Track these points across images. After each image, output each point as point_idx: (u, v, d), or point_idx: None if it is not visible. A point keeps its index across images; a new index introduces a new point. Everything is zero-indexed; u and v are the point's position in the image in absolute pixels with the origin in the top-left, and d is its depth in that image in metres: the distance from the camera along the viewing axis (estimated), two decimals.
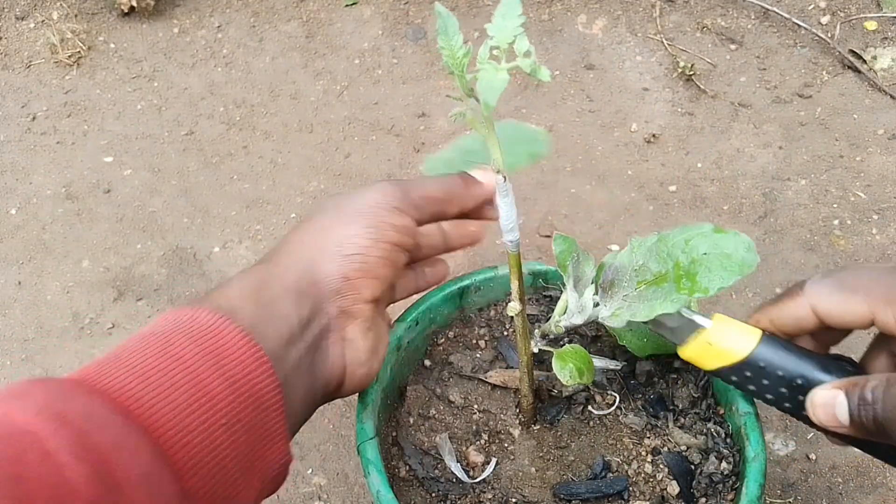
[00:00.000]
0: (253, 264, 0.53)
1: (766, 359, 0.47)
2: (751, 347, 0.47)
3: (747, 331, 0.49)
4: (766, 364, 0.47)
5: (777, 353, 0.47)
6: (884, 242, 1.03)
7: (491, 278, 0.66)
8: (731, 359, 0.48)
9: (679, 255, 0.49)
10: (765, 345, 0.48)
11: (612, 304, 0.50)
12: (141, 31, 1.34)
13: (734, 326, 0.49)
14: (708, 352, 0.49)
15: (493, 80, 0.37)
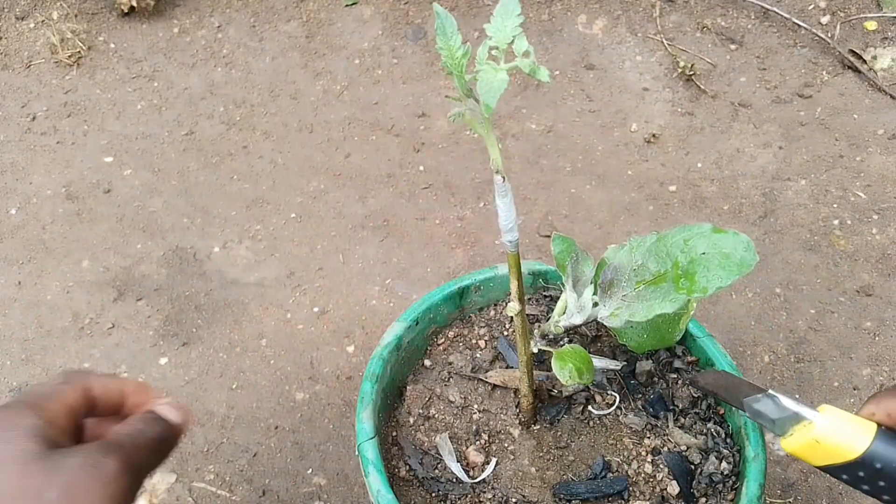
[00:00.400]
0: None
1: (882, 458, 0.42)
2: (864, 446, 0.42)
3: (860, 425, 0.43)
4: (882, 465, 0.42)
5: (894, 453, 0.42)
6: (884, 242, 1.02)
7: (491, 278, 0.66)
8: (842, 458, 0.43)
9: (678, 254, 0.49)
10: (880, 442, 0.42)
11: (611, 304, 0.50)
12: (141, 31, 1.34)
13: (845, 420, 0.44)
14: (815, 449, 0.44)
15: (493, 81, 0.37)
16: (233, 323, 0.98)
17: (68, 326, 0.98)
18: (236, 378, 0.93)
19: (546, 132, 1.18)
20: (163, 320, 0.98)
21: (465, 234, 1.06)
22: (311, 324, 0.98)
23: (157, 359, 0.95)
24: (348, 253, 1.05)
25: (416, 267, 1.03)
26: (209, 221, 1.09)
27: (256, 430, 0.89)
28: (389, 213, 1.09)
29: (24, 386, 0.93)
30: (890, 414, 0.42)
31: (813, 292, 0.98)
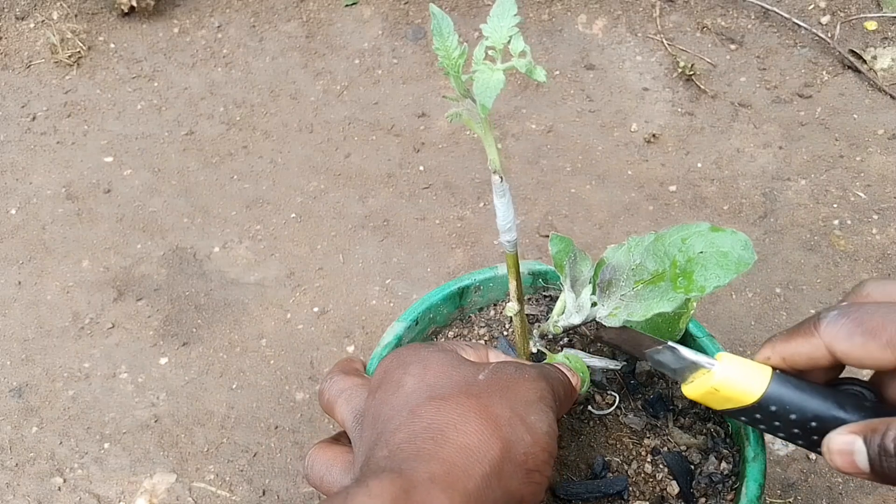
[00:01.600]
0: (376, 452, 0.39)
1: (777, 401, 0.44)
2: (760, 391, 0.44)
3: (755, 371, 0.45)
4: (777, 407, 0.44)
5: (789, 394, 0.44)
6: (884, 242, 1.02)
7: (491, 278, 0.66)
8: (739, 402, 0.45)
9: (676, 253, 0.49)
10: (775, 386, 0.44)
11: (609, 304, 0.50)
12: (141, 31, 1.34)
13: (741, 367, 0.46)
14: (714, 395, 0.46)
15: (489, 81, 0.37)
16: (233, 323, 0.98)
17: (68, 326, 0.98)
18: (236, 378, 0.93)
19: (546, 132, 1.18)
20: (163, 320, 0.99)
21: (465, 234, 1.06)
22: (311, 324, 0.98)
23: (157, 359, 0.95)
24: (348, 253, 1.05)
25: (416, 267, 1.03)
26: (209, 221, 1.09)
27: (256, 430, 0.89)
28: (389, 213, 1.09)
29: (25, 386, 0.93)
30: (784, 358, 0.44)
31: (813, 292, 0.98)
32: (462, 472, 0.36)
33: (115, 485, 0.85)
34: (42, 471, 0.86)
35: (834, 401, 0.44)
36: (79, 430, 0.89)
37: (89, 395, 0.92)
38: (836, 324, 0.42)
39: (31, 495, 0.85)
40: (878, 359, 0.40)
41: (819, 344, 0.42)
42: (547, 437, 0.41)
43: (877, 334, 0.40)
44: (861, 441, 0.40)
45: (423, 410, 0.40)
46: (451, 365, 0.43)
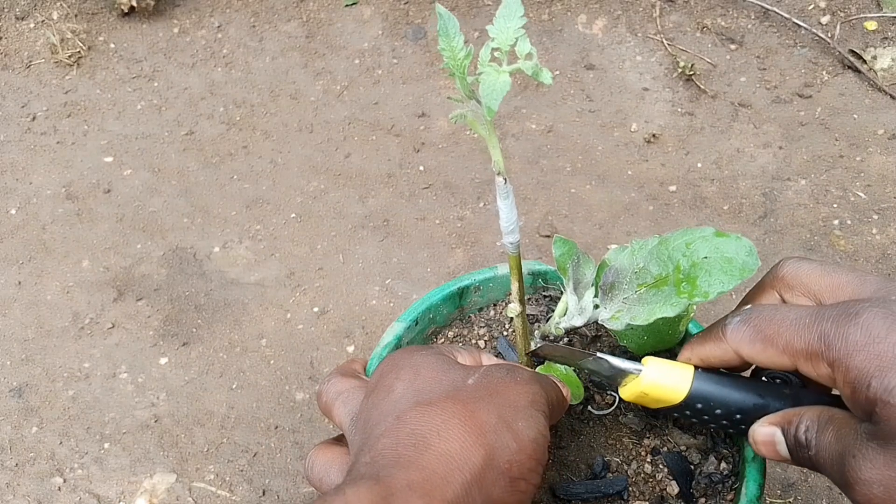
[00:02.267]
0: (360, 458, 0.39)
1: (702, 398, 0.47)
2: (685, 390, 0.47)
3: (679, 371, 0.48)
4: (703, 404, 0.47)
5: (711, 391, 0.47)
6: (884, 242, 1.03)
7: (491, 278, 0.66)
8: (668, 402, 0.48)
9: (680, 258, 0.49)
10: (698, 383, 0.47)
11: (611, 307, 0.50)
12: (141, 31, 1.34)
13: (665, 369, 0.48)
14: (645, 398, 0.49)
15: (496, 84, 0.37)
16: (233, 323, 0.98)
17: (68, 326, 0.98)
18: (236, 378, 0.93)
19: (546, 132, 1.18)
20: (163, 320, 0.99)
21: (465, 234, 1.06)
22: (311, 324, 0.98)
23: (157, 359, 0.95)
24: (348, 253, 1.05)
25: (416, 267, 1.03)
26: (209, 221, 1.09)
27: (256, 430, 0.89)
28: (389, 213, 1.09)
29: (25, 386, 0.93)
30: (702, 358, 0.47)
31: None
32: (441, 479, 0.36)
33: (115, 485, 0.85)
34: (42, 471, 0.86)
35: (755, 392, 0.46)
36: (79, 430, 0.89)
37: (89, 395, 0.92)
38: (739, 330, 0.44)
39: (31, 495, 0.85)
40: (777, 362, 0.43)
41: (727, 348, 0.45)
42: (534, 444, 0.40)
43: (773, 341, 0.42)
44: (780, 432, 0.43)
45: (408, 416, 0.39)
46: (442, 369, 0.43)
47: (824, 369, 0.40)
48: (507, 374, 0.43)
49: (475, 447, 0.37)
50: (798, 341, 0.41)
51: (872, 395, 0.37)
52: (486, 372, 0.43)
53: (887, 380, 0.37)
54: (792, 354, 0.41)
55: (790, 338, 0.41)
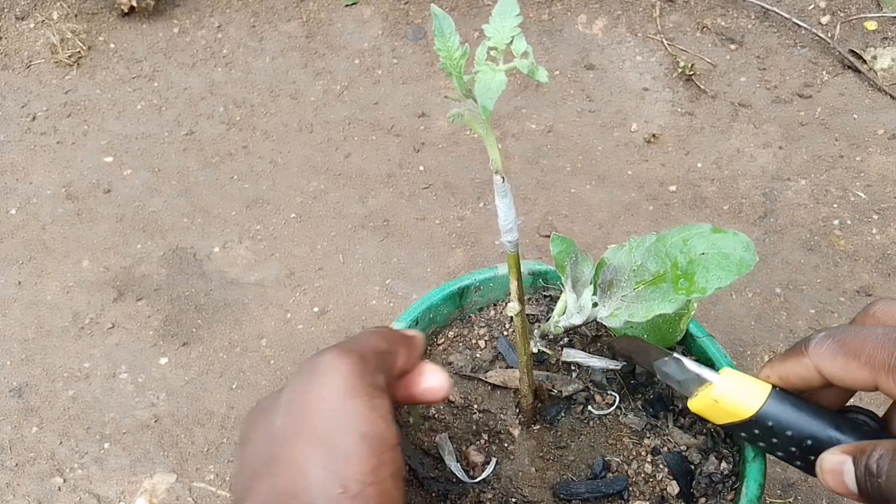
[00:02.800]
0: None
1: (774, 417, 0.45)
2: (758, 405, 0.46)
3: (756, 386, 0.47)
4: (774, 423, 0.45)
5: (786, 412, 0.45)
6: (884, 242, 1.03)
7: (491, 278, 0.66)
8: (739, 416, 0.46)
9: (677, 254, 0.49)
10: (773, 402, 0.46)
11: (610, 305, 0.50)
12: (141, 31, 1.34)
13: (742, 382, 0.47)
14: (715, 408, 0.47)
15: (491, 83, 0.37)
16: (233, 323, 0.98)
17: (68, 326, 0.98)
18: (236, 378, 0.93)
19: (546, 132, 1.18)
20: (163, 320, 0.99)
21: (465, 234, 1.06)
22: (311, 324, 0.98)
23: (157, 359, 0.95)
24: (348, 253, 1.05)
25: (416, 267, 1.03)
26: (209, 221, 1.09)
27: None
28: (389, 213, 1.09)
29: (25, 386, 0.93)
30: (781, 376, 0.46)
31: (813, 292, 0.98)
32: None
33: (115, 485, 0.85)
34: (42, 471, 0.86)
35: (831, 422, 0.45)
36: (79, 430, 0.89)
37: (89, 395, 0.92)
38: (822, 345, 0.43)
39: (31, 495, 0.85)
40: (857, 378, 0.42)
41: (809, 364, 0.44)
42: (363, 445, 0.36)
43: (857, 354, 0.42)
44: (850, 461, 0.41)
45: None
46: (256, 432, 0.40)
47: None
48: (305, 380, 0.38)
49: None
50: (882, 353, 0.41)
51: None
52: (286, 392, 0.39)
53: None
54: (874, 367, 0.41)
55: (874, 351, 0.41)
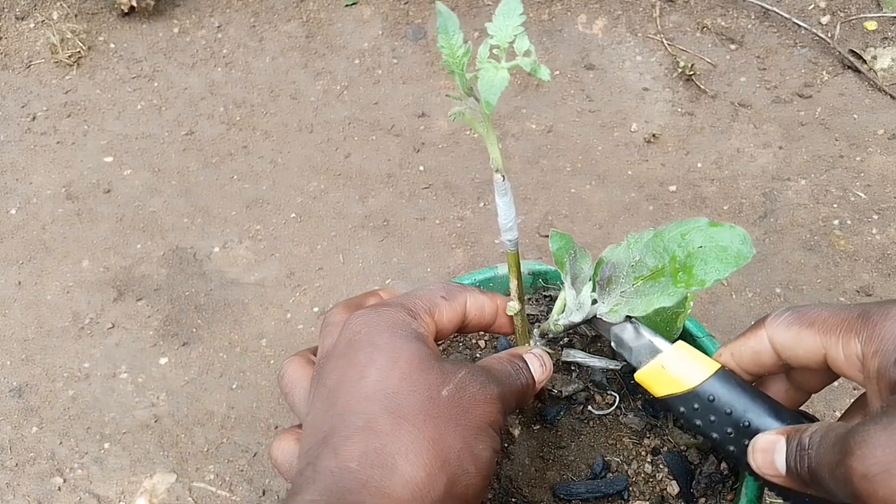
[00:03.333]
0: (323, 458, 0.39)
1: (716, 393, 0.45)
2: (704, 377, 0.46)
3: (705, 362, 0.47)
4: (715, 398, 0.45)
5: (729, 390, 0.45)
6: (884, 242, 1.03)
7: (491, 278, 0.66)
8: (681, 387, 0.46)
9: (675, 249, 0.49)
10: (719, 377, 0.46)
11: (609, 301, 0.50)
12: (141, 31, 1.34)
13: (693, 356, 0.47)
14: (660, 376, 0.47)
15: (494, 80, 0.37)
16: (233, 323, 0.98)
17: (68, 326, 0.98)
18: (236, 378, 0.93)
19: (546, 132, 1.18)
20: (163, 320, 0.99)
21: (465, 234, 1.06)
22: (311, 324, 0.98)
23: (157, 359, 0.95)
24: (348, 253, 1.05)
25: (416, 267, 1.03)
26: (209, 221, 1.09)
27: (256, 430, 0.89)
28: (389, 213, 1.09)
29: (25, 386, 0.93)
30: (733, 354, 0.47)
31: (813, 292, 0.98)
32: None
33: (115, 485, 0.85)
34: (42, 471, 0.86)
35: (773, 410, 0.45)
36: (79, 430, 0.89)
37: (89, 395, 0.92)
38: (780, 317, 0.44)
39: (31, 495, 0.85)
40: (808, 347, 0.42)
41: (763, 337, 0.45)
42: (489, 464, 0.41)
43: (811, 323, 0.42)
44: (784, 441, 0.41)
45: (380, 426, 0.39)
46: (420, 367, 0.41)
47: (854, 346, 0.40)
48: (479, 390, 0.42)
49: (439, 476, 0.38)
50: (835, 319, 0.41)
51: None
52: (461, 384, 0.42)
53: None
54: (825, 333, 0.41)
55: (829, 318, 0.41)
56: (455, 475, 0.39)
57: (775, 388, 0.48)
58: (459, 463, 0.40)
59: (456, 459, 0.39)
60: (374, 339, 0.42)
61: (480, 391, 0.42)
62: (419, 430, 0.39)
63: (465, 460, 0.40)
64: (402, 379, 0.41)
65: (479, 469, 0.40)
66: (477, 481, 0.40)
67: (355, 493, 0.36)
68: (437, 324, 0.46)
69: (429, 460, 0.38)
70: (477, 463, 0.40)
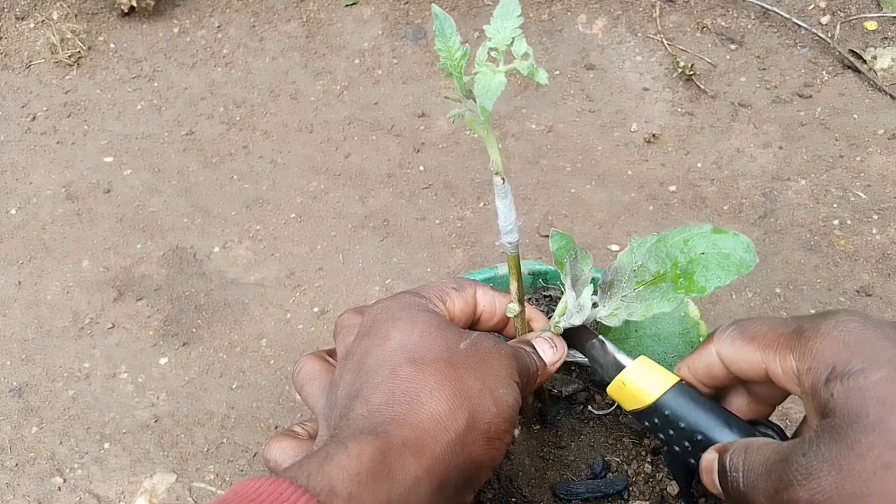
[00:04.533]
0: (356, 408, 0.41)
1: (671, 407, 0.46)
2: (659, 393, 0.46)
3: (664, 377, 0.47)
4: (670, 413, 0.46)
5: (683, 404, 0.46)
6: (884, 242, 1.03)
7: (491, 278, 0.66)
8: (642, 402, 0.47)
9: (678, 254, 0.49)
10: (674, 393, 0.46)
11: (610, 304, 0.50)
12: (141, 31, 1.34)
13: (652, 371, 0.48)
14: (623, 392, 0.48)
15: (490, 83, 0.37)
16: (233, 323, 0.98)
17: (68, 326, 0.98)
18: (236, 378, 0.93)
19: (546, 132, 1.18)
20: (163, 320, 0.99)
21: (465, 234, 1.06)
22: (311, 324, 0.98)
23: (157, 359, 0.95)
24: (348, 253, 1.05)
25: (416, 267, 1.03)
26: (209, 221, 1.09)
27: (256, 430, 0.89)
28: (389, 213, 1.09)
29: (25, 386, 0.93)
30: (690, 367, 0.47)
31: (813, 292, 0.98)
32: (431, 437, 0.39)
33: (115, 485, 0.85)
34: (42, 471, 0.86)
35: (724, 421, 0.45)
36: (79, 430, 0.89)
37: (89, 395, 0.92)
38: (725, 331, 0.45)
39: (31, 495, 0.85)
40: (750, 361, 0.43)
41: (712, 351, 0.45)
42: (511, 409, 0.43)
43: (752, 338, 0.43)
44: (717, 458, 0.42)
45: (403, 371, 0.42)
46: (437, 328, 0.45)
47: (790, 362, 0.40)
48: (493, 346, 0.45)
49: (461, 410, 0.41)
50: (773, 334, 0.42)
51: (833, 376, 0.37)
52: (477, 340, 0.45)
53: (851, 364, 0.36)
54: (764, 348, 0.42)
55: (767, 333, 0.42)
56: (476, 411, 0.41)
57: (738, 402, 0.48)
58: (480, 400, 0.42)
59: (477, 397, 0.42)
60: (395, 314, 0.45)
61: (495, 346, 0.45)
62: (441, 372, 0.42)
63: (485, 399, 0.42)
64: (422, 335, 0.44)
65: (500, 410, 0.42)
66: (499, 421, 0.42)
67: (385, 426, 0.39)
68: (449, 312, 0.49)
69: (450, 396, 0.41)
70: (498, 404, 0.42)
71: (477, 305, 0.51)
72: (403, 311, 0.46)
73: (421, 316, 0.45)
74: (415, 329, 0.44)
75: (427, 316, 0.45)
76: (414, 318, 0.45)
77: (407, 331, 0.44)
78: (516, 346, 0.48)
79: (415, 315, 0.45)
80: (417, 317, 0.45)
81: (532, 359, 0.49)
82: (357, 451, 0.37)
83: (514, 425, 0.44)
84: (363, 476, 0.36)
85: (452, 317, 0.49)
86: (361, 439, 0.37)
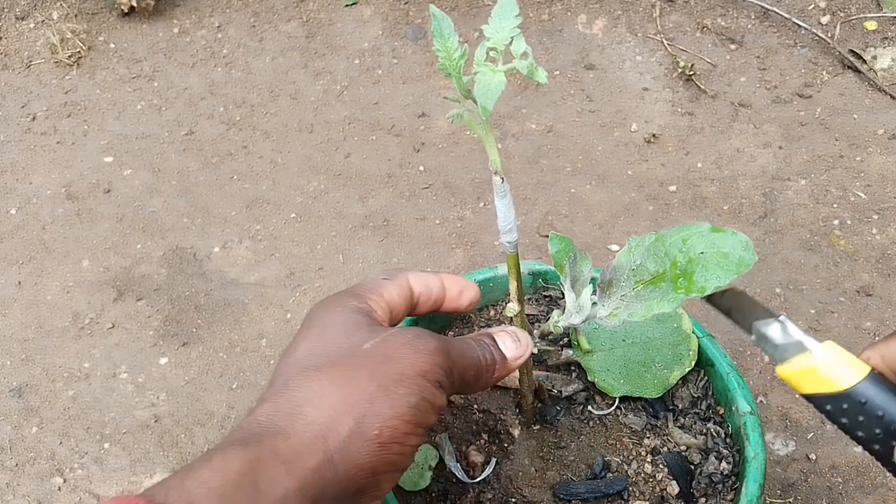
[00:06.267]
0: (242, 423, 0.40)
1: (869, 395, 0.45)
2: (856, 380, 0.45)
3: (856, 364, 0.46)
4: (867, 400, 0.45)
5: (882, 393, 0.45)
6: (884, 242, 1.03)
7: (490, 278, 0.66)
8: (833, 388, 0.46)
9: (677, 254, 0.49)
10: (871, 381, 0.45)
11: (609, 304, 0.50)
12: (141, 31, 1.34)
13: (844, 356, 0.47)
14: (809, 376, 0.47)
15: (490, 83, 0.37)
16: (233, 323, 0.98)
17: (68, 326, 0.98)
18: (236, 378, 0.93)
19: (546, 132, 1.18)
20: (163, 320, 0.99)
21: (465, 234, 1.06)
22: None
23: (157, 359, 0.95)
24: (348, 253, 1.05)
25: (417, 267, 1.03)
26: (209, 221, 1.09)
27: None
28: (389, 213, 1.09)
29: (25, 386, 0.93)
30: (883, 357, 0.45)
31: (813, 292, 0.98)
32: (306, 449, 0.38)
33: (115, 485, 0.85)
34: (42, 471, 0.86)
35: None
36: (79, 430, 0.89)
37: (89, 395, 0.92)
38: None
39: (31, 495, 0.85)
40: None
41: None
42: (414, 409, 0.41)
43: None
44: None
45: (294, 382, 0.41)
46: (348, 331, 0.43)
47: None
48: (408, 342, 0.43)
49: (344, 417, 0.39)
50: None
51: None
52: (388, 337, 0.43)
53: None
54: None
55: None
56: (363, 416, 0.39)
57: None
58: (371, 404, 0.40)
59: (366, 401, 0.40)
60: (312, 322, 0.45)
61: (409, 343, 0.43)
62: (329, 377, 0.41)
63: (379, 401, 0.40)
64: (326, 341, 0.43)
65: (397, 412, 0.40)
66: (395, 423, 0.40)
67: (259, 438, 0.38)
68: (387, 303, 0.47)
69: (334, 403, 0.39)
70: (395, 405, 0.40)
71: (413, 289, 0.50)
72: (321, 317, 0.45)
73: (338, 319, 0.44)
74: (324, 334, 0.43)
75: (344, 318, 0.44)
76: (327, 323, 0.44)
77: (314, 338, 0.43)
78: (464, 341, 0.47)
79: (331, 319, 0.44)
80: (333, 320, 0.44)
81: (488, 352, 0.48)
82: (221, 464, 0.36)
83: (424, 426, 0.42)
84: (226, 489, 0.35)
85: (392, 307, 0.48)
86: (229, 452, 0.37)
